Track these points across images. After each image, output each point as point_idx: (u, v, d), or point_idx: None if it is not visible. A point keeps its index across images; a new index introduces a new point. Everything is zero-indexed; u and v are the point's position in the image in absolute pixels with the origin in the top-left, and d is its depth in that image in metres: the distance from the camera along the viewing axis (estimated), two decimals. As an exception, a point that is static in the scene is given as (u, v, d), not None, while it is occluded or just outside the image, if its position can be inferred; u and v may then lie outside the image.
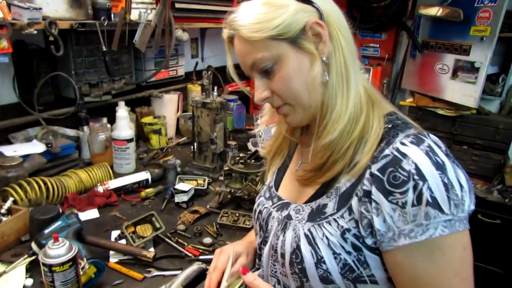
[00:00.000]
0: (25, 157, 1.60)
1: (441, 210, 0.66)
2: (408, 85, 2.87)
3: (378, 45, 3.01)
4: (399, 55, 3.06)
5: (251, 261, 1.04)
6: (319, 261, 0.77)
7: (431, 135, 0.73)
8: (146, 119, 2.26)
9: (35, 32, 1.43)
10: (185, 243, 1.38)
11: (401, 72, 2.96)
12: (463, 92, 2.39)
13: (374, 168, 0.73)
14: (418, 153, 0.69)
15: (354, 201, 0.76)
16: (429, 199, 0.66)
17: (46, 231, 1.18)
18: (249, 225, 1.49)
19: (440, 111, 2.55)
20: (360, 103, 0.80)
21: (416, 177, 0.67)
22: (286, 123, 0.90)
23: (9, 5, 1.39)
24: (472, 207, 0.71)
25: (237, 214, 1.56)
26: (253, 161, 1.66)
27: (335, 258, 0.76)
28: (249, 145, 2.22)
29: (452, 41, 2.45)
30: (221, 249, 1.01)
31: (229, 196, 1.62)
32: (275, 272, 0.90)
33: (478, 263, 2.25)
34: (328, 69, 0.78)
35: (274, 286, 0.90)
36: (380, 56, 3.01)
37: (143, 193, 1.69)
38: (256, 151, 1.74)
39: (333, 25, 0.78)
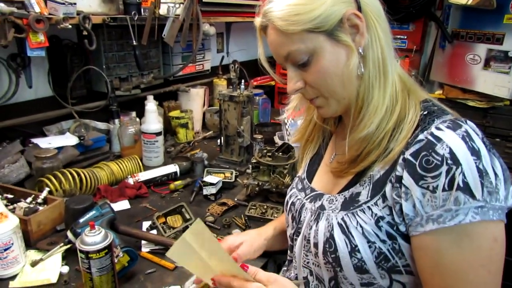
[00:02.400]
0: (59, 149, 1.65)
1: (472, 196, 0.65)
2: (437, 77, 2.81)
3: (405, 37, 2.94)
4: (427, 47, 2.99)
5: (255, 250, 1.06)
6: (353, 249, 0.76)
7: (468, 122, 0.72)
8: (174, 113, 2.29)
9: (70, 26, 1.46)
10: (215, 234, 1.39)
11: (429, 64, 2.89)
12: (495, 83, 2.32)
13: (408, 153, 0.72)
14: (453, 137, 0.67)
15: (388, 188, 0.75)
16: (461, 184, 0.65)
17: (81, 220, 1.21)
18: (277, 217, 1.49)
19: (471, 103, 2.48)
20: (396, 92, 0.79)
21: (449, 161, 0.65)
22: (319, 114, 0.89)
23: (45, 1, 1.43)
24: (511, 201, 0.69)
25: (265, 207, 1.56)
26: (281, 153, 1.65)
27: (370, 246, 0.75)
28: (276, 139, 2.21)
29: (484, 30, 2.37)
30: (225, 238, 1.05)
31: (257, 188, 1.63)
32: (308, 262, 0.90)
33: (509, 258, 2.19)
34: (364, 61, 0.76)
35: (306, 277, 0.90)
36: (407, 48, 2.94)
37: (172, 185, 1.72)
38: (284, 144, 1.74)
39: (370, 15, 0.76)
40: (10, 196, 1.41)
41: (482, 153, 0.67)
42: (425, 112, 0.77)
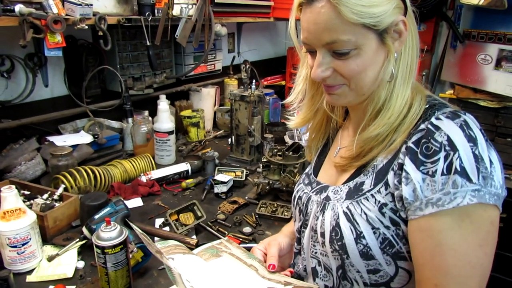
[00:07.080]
0: (74, 147, 1.68)
1: (469, 179, 0.67)
2: (448, 77, 2.79)
3: (417, 37, 2.94)
4: (438, 47, 2.97)
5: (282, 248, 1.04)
6: (359, 236, 0.78)
7: (468, 114, 0.74)
8: (185, 113, 2.31)
9: (86, 27, 1.49)
10: (226, 232, 1.41)
11: (440, 64, 2.88)
12: (507, 83, 2.30)
13: (410, 142, 0.74)
14: (451, 126, 0.70)
15: (390, 176, 0.77)
16: (458, 168, 0.67)
17: (96, 216, 1.24)
18: (287, 215, 1.50)
19: (482, 103, 2.46)
20: (409, 95, 0.81)
21: (447, 147, 0.68)
22: (330, 101, 0.88)
23: (63, 2, 1.46)
24: (505, 192, 0.71)
25: (275, 205, 1.58)
26: (291, 153, 1.67)
27: (374, 232, 0.77)
28: (286, 138, 2.23)
29: (495, 30, 2.36)
30: (269, 242, 1.01)
31: (267, 187, 1.64)
32: (315, 253, 0.92)
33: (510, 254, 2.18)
34: (396, 67, 0.78)
35: (314, 267, 0.92)
36: (419, 48, 2.93)
37: (184, 184, 1.74)
38: (294, 143, 1.75)
39: (410, 23, 0.78)
40: (27, 192, 1.45)
41: (479, 140, 0.69)
42: (427, 106, 0.80)
